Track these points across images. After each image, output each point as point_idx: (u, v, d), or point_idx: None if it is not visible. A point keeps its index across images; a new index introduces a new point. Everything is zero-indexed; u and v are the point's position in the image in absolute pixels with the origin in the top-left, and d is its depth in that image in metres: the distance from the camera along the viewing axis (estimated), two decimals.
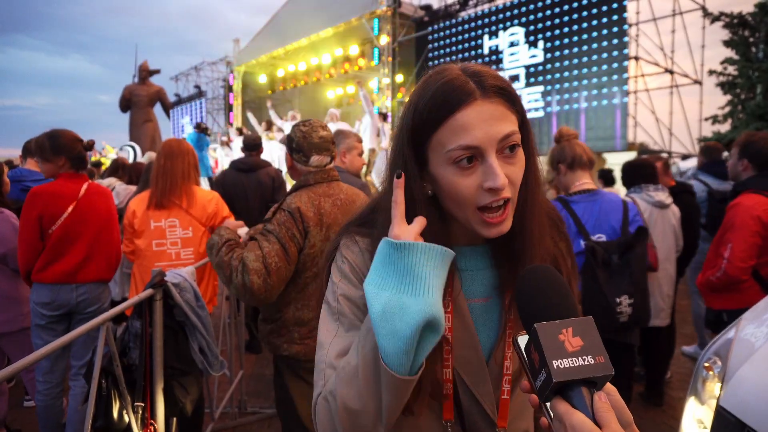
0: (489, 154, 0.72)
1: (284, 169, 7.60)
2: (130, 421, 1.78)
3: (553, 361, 0.55)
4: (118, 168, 4.44)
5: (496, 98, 0.73)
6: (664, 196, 3.17)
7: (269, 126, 10.44)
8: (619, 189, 5.05)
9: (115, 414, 1.76)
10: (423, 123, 0.75)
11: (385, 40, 12.59)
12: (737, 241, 2.47)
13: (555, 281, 0.65)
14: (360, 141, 3.25)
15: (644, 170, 3.28)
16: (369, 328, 0.70)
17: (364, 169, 8.03)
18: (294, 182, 2.08)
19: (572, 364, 0.55)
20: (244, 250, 1.83)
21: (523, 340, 0.63)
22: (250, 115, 11.91)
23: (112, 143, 10.72)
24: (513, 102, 0.75)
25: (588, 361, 0.55)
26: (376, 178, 8.25)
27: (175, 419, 2.02)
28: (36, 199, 2.47)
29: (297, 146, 2.00)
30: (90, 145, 2.67)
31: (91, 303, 2.59)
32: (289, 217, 1.84)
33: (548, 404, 0.57)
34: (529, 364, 0.60)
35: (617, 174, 4.27)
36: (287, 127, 9.87)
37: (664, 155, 11.03)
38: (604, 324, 2.17)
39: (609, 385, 0.59)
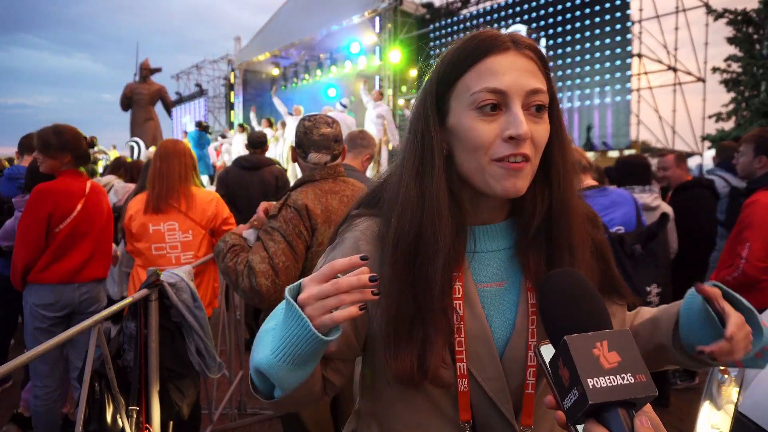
0: (515, 103, 0.69)
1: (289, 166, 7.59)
2: (124, 426, 1.73)
3: (588, 380, 0.48)
4: (120, 166, 4.39)
5: (529, 53, 0.71)
6: (650, 199, 3.03)
7: (269, 124, 10.41)
8: None
9: (109, 418, 1.71)
10: (450, 68, 0.73)
11: (386, 37, 12.53)
12: (756, 240, 2.40)
13: (584, 287, 0.58)
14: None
15: (635, 169, 3.15)
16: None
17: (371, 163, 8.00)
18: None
19: (610, 383, 0.48)
20: (249, 252, 1.77)
21: (546, 350, 0.56)
22: (252, 115, 11.88)
23: (118, 143, 10.71)
24: (543, 63, 0.74)
25: (627, 380, 0.48)
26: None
27: (171, 423, 1.97)
28: (46, 197, 2.39)
29: (298, 141, 1.96)
30: (92, 142, 2.61)
31: (93, 302, 2.57)
32: (295, 214, 1.79)
33: (580, 427, 0.50)
34: (557, 382, 0.52)
35: None
36: (291, 122, 9.84)
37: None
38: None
39: None
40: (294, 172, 7.73)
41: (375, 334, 0.78)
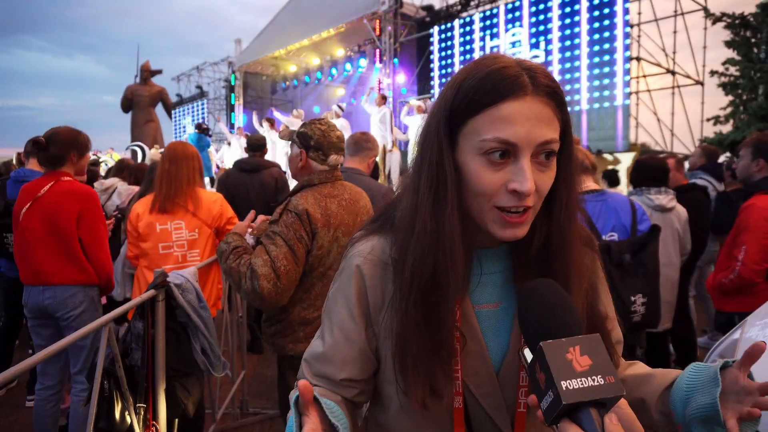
0: (523, 155, 0.68)
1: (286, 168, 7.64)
2: (132, 423, 1.78)
3: (562, 382, 0.52)
4: (123, 168, 4.43)
5: (546, 99, 0.69)
6: (666, 200, 3.04)
7: (272, 124, 10.47)
8: (623, 189, 5.01)
9: (117, 415, 1.75)
10: (464, 104, 0.71)
11: (386, 40, 12.58)
12: (752, 244, 2.42)
13: (559, 296, 0.62)
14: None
15: (652, 172, 3.13)
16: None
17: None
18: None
19: (582, 384, 0.52)
20: (252, 255, 1.81)
21: (529, 354, 0.61)
22: (258, 126, 11.92)
23: (116, 144, 10.74)
24: (561, 108, 0.72)
25: (598, 382, 0.52)
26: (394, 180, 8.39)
27: (176, 420, 2.01)
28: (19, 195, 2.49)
29: (316, 144, 1.98)
30: (35, 142, 2.48)
31: (58, 308, 2.42)
32: (296, 219, 1.82)
33: (556, 426, 0.54)
34: (534, 384, 0.57)
35: (622, 174, 4.24)
36: (293, 124, 9.88)
37: (663, 155, 11.01)
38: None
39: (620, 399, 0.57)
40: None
41: (382, 341, 0.81)
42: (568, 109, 0.74)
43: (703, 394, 0.71)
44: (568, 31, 9.94)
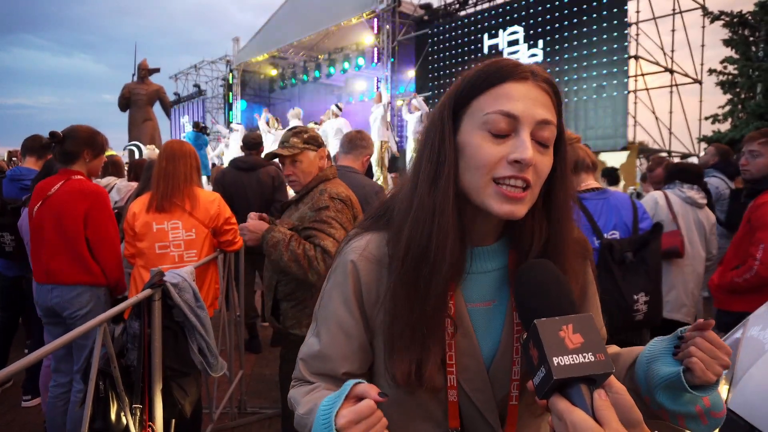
0: (524, 130, 0.71)
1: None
2: (128, 423, 1.76)
3: (554, 358, 0.54)
4: (108, 166, 4.41)
5: (545, 86, 0.74)
6: (698, 196, 3.04)
7: (278, 121, 10.54)
8: (620, 188, 5.00)
9: (113, 416, 1.74)
10: (469, 88, 0.75)
11: (384, 39, 12.56)
12: None
13: (554, 277, 0.64)
14: None
15: (685, 174, 3.16)
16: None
17: (374, 159, 8.07)
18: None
19: (573, 361, 0.54)
20: (314, 239, 1.95)
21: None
22: (262, 125, 11.89)
23: (116, 143, 10.66)
24: (557, 102, 0.76)
25: (588, 359, 0.54)
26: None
27: (173, 421, 2.00)
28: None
29: (324, 141, 2.23)
30: (52, 135, 2.46)
31: (65, 307, 2.40)
32: (343, 206, 2.02)
33: (548, 401, 0.56)
34: (528, 361, 0.58)
35: (621, 173, 4.26)
36: (294, 123, 9.91)
37: (663, 154, 11.01)
38: (620, 322, 2.13)
39: (618, 385, 0.58)
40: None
41: (376, 335, 0.82)
42: (567, 107, 0.76)
43: (663, 363, 0.74)
44: (566, 29, 9.93)
